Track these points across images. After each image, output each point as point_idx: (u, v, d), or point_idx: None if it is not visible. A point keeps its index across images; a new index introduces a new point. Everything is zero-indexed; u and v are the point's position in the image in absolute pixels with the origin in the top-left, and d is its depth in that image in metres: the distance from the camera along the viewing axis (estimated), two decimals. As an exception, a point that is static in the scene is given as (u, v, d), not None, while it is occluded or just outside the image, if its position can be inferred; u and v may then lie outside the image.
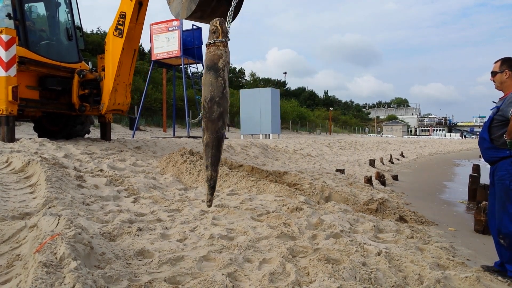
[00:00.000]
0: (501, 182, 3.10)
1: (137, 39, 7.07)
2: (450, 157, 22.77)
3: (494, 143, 3.15)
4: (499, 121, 3.11)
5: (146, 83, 19.48)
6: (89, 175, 5.25)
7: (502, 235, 3.09)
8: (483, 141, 3.25)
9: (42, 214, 2.97)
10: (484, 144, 3.25)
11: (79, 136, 8.96)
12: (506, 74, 3.17)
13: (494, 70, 3.25)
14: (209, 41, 2.96)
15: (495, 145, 3.15)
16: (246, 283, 2.41)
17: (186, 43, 18.02)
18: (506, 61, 3.22)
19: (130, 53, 7.24)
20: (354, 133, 63.57)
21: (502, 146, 3.10)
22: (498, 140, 3.12)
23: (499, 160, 3.14)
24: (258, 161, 10.69)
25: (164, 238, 3.18)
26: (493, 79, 3.27)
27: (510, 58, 3.22)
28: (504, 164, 3.09)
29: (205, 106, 2.88)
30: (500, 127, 3.10)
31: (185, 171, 6.25)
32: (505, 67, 3.18)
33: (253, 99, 24.58)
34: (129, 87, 7.64)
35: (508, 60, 3.22)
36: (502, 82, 3.20)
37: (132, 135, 17.78)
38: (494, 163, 3.19)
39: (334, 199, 5.60)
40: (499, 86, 3.25)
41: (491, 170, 3.27)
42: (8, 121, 6.88)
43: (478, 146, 3.39)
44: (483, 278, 2.84)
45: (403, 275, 2.71)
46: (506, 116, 3.03)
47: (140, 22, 6.77)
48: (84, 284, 1.95)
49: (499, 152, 3.13)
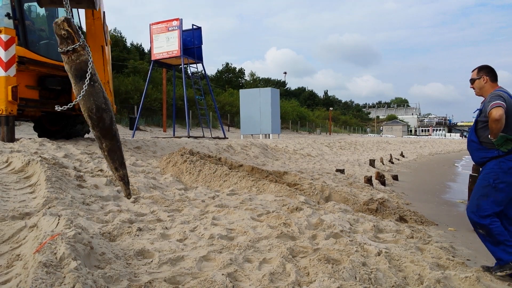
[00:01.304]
0: (484, 178, 3.23)
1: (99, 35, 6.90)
2: (450, 157, 22.77)
3: (483, 144, 3.26)
4: (484, 122, 3.22)
5: (146, 83, 19.47)
6: (89, 175, 5.25)
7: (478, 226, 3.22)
8: (472, 144, 3.35)
9: (42, 214, 2.97)
10: (473, 146, 3.35)
11: (79, 136, 8.95)
12: (484, 80, 3.33)
13: (473, 78, 3.41)
14: (66, 48, 2.50)
15: (485, 146, 3.25)
16: (246, 283, 2.40)
17: (186, 43, 18.02)
18: (482, 68, 3.40)
19: (98, 50, 7.14)
20: (354, 133, 63.57)
21: (491, 146, 3.20)
22: (486, 141, 3.22)
23: (488, 161, 3.25)
24: (258, 161, 10.69)
25: (164, 238, 3.18)
26: (472, 86, 3.43)
27: (487, 65, 3.41)
28: (491, 163, 3.21)
29: (93, 118, 2.63)
30: (485, 128, 3.21)
31: (185, 171, 6.25)
32: (482, 73, 3.35)
33: (253, 99, 24.57)
34: (108, 85, 7.52)
35: (484, 67, 3.40)
36: (481, 88, 3.36)
37: (132, 135, 17.78)
38: (484, 164, 3.30)
39: (334, 199, 5.60)
40: (479, 92, 3.40)
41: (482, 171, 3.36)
42: (8, 121, 6.87)
43: (467, 149, 3.47)
44: (483, 278, 2.84)
45: (403, 275, 2.71)
46: (487, 116, 3.12)
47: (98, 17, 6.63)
48: (84, 284, 1.95)
49: (488, 152, 3.24)
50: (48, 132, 8.75)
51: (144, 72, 31.21)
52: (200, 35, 18.49)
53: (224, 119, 34.48)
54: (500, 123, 3.02)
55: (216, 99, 27.27)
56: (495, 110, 3.01)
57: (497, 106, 3.01)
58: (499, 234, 3.15)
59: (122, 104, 26.75)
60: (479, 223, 3.18)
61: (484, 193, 3.19)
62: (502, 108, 3.00)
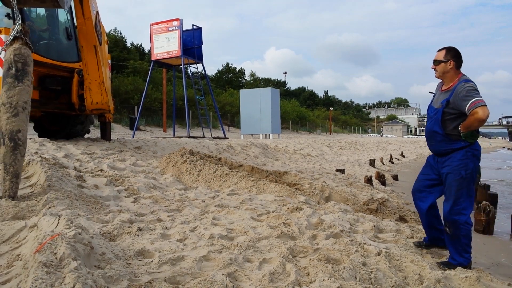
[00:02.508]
0: (454, 172, 3.12)
1: (91, 35, 6.82)
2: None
3: (448, 136, 3.14)
4: (451, 114, 3.09)
5: (146, 83, 19.47)
6: (89, 175, 5.25)
7: (448, 224, 3.16)
8: (436, 135, 3.21)
9: (42, 214, 2.97)
10: (437, 137, 3.21)
11: (79, 136, 8.95)
12: (450, 64, 3.13)
13: (438, 59, 3.19)
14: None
15: (450, 137, 3.14)
16: (246, 283, 2.40)
17: (186, 43, 18.02)
18: (451, 51, 3.16)
19: (91, 50, 7.12)
20: (354, 133, 63.55)
21: (457, 138, 3.10)
22: (452, 133, 3.12)
23: (452, 152, 3.14)
24: (258, 161, 10.69)
25: (164, 238, 3.18)
26: (435, 67, 3.21)
27: (455, 48, 3.18)
28: (458, 154, 3.11)
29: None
30: (453, 120, 3.10)
31: (185, 171, 6.25)
32: (449, 57, 3.14)
33: (253, 99, 24.57)
34: (103, 85, 7.47)
35: (452, 49, 3.17)
36: (445, 72, 3.17)
37: (132, 135, 17.78)
38: (446, 154, 3.19)
39: (334, 199, 5.60)
40: (441, 76, 3.22)
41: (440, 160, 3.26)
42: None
43: (427, 139, 3.35)
44: (483, 278, 2.84)
45: (403, 275, 2.71)
46: (459, 109, 3.02)
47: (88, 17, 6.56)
48: (84, 284, 1.95)
49: (454, 144, 3.13)
50: (48, 132, 8.75)
51: (144, 72, 31.22)
52: (200, 35, 18.48)
53: (224, 119, 34.48)
54: (484, 122, 2.95)
55: (216, 99, 27.28)
56: (482, 110, 2.86)
57: (483, 105, 2.88)
58: (465, 236, 3.12)
59: (122, 104, 26.76)
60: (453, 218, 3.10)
61: (458, 187, 3.11)
62: (487, 107, 2.89)
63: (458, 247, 3.15)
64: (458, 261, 3.13)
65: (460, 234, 3.11)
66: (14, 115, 3.74)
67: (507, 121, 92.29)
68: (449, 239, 3.19)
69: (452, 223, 3.12)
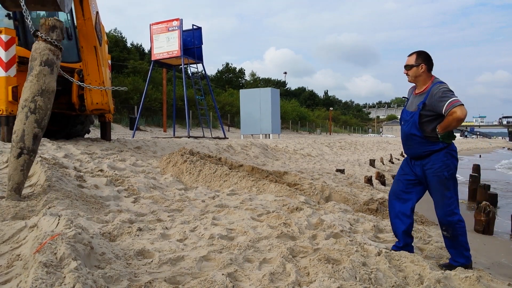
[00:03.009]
0: (437, 174, 3.12)
1: (91, 36, 6.82)
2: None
3: (427, 138, 3.14)
4: (428, 116, 3.10)
5: (146, 83, 19.47)
6: (89, 175, 5.25)
7: (444, 227, 3.16)
8: (414, 138, 3.20)
9: (42, 214, 2.97)
10: (415, 140, 3.20)
11: (79, 136, 8.95)
12: (422, 68, 3.17)
13: (409, 63, 3.22)
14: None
15: (428, 140, 3.14)
16: (246, 283, 2.40)
17: (186, 43, 18.02)
18: (421, 54, 3.20)
19: (91, 51, 7.11)
20: (354, 133, 63.54)
21: (435, 140, 3.11)
22: (431, 135, 3.12)
23: (430, 154, 3.15)
24: (258, 161, 10.68)
25: (164, 238, 3.18)
26: (407, 72, 3.24)
27: (425, 52, 3.22)
28: (439, 156, 3.12)
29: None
30: (430, 122, 3.11)
31: (185, 171, 6.25)
32: (420, 61, 3.17)
33: (253, 99, 24.57)
34: (103, 85, 7.50)
35: (423, 53, 3.21)
36: (417, 76, 3.20)
37: (132, 135, 17.78)
38: (425, 157, 3.19)
39: (334, 199, 5.60)
40: (413, 80, 3.25)
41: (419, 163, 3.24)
42: (8, 121, 6.88)
43: (403, 143, 3.34)
44: (483, 278, 2.84)
45: (403, 275, 2.71)
46: (437, 111, 3.03)
47: (88, 18, 6.56)
48: (84, 284, 1.95)
49: (432, 145, 3.13)
50: (48, 132, 8.74)
51: (144, 72, 31.22)
52: (200, 35, 18.49)
53: (224, 119, 34.48)
54: (463, 122, 2.96)
55: (216, 99, 27.28)
56: (460, 109, 2.89)
57: (461, 104, 2.90)
58: (461, 235, 3.13)
59: (122, 104, 26.76)
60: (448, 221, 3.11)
61: (445, 188, 3.12)
62: (464, 106, 2.90)
63: (458, 247, 3.16)
64: (460, 262, 3.14)
65: (457, 234, 3.13)
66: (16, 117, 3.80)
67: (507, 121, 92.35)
68: (449, 242, 3.19)
69: (449, 225, 3.13)
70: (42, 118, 3.83)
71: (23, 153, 3.67)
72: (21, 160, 3.66)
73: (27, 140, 3.69)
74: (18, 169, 3.64)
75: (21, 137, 3.69)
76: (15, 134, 3.71)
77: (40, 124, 3.80)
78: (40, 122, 3.80)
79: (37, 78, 3.79)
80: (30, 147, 3.71)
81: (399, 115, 3.78)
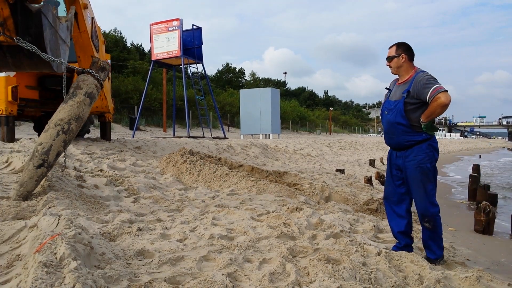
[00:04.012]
0: (421, 166, 3.11)
1: (88, 47, 6.76)
2: (450, 157, 22.77)
3: (412, 127, 3.13)
4: (412, 104, 3.10)
5: (146, 83, 19.47)
6: (89, 175, 5.25)
7: (427, 219, 3.15)
8: (399, 127, 3.17)
9: (42, 214, 2.97)
10: (399, 129, 3.18)
11: (79, 136, 8.94)
12: (403, 58, 3.20)
13: (390, 55, 3.25)
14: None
15: (413, 129, 3.13)
16: (246, 283, 2.40)
17: (186, 43, 18.03)
18: (401, 45, 3.24)
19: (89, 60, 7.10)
20: (354, 133, 63.57)
21: (419, 130, 3.11)
22: (416, 124, 3.11)
23: (415, 144, 3.14)
24: (258, 161, 10.69)
25: (164, 238, 3.18)
26: (389, 64, 3.27)
27: (405, 43, 3.25)
28: (422, 147, 3.12)
29: None
30: (414, 110, 3.10)
31: (185, 171, 6.25)
32: (400, 51, 3.20)
33: (253, 99, 24.57)
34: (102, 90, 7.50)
35: (402, 44, 3.24)
36: (399, 67, 3.23)
37: (132, 135, 17.78)
38: (408, 147, 3.18)
39: (334, 199, 5.60)
40: (396, 71, 3.27)
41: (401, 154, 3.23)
42: (8, 121, 6.88)
43: (386, 132, 3.31)
44: (483, 278, 2.84)
45: (403, 275, 2.71)
46: (421, 98, 3.04)
47: (84, 30, 6.47)
48: (84, 284, 1.95)
49: (416, 136, 3.13)
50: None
51: (144, 72, 31.21)
52: (200, 35, 18.49)
53: (224, 119, 34.48)
54: (447, 108, 2.96)
55: (216, 99, 27.27)
56: (444, 95, 2.90)
57: (445, 90, 2.92)
58: (439, 226, 3.15)
59: (122, 104, 26.75)
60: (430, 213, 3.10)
61: (427, 180, 3.12)
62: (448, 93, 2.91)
63: (437, 240, 3.17)
64: (438, 255, 3.16)
65: (437, 225, 3.14)
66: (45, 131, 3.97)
67: (507, 121, 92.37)
68: (430, 234, 3.18)
69: (431, 217, 3.12)
70: (70, 140, 4.11)
71: (44, 166, 3.83)
72: (39, 171, 3.81)
73: (51, 155, 3.90)
74: (34, 179, 3.76)
75: (47, 150, 3.88)
76: (42, 146, 3.88)
77: (66, 145, 4.07)
78: (67, 143, 4.07)
79: (78, 105, 4.12)
80: (51, 162, 3.92)
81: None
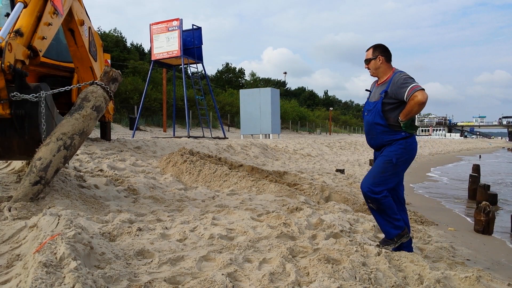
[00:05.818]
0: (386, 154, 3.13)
1: (86, 59, 6.76)
2: (450, 157, 22.78)
3: (390, 127, 3.15)
4: (390, 104, 3.12)
5: (146, 83, 19.46)
6: (89, 175, 5.25)
7: (369, 200, 3.16)
8: (378, 127, 3.20)
9: (42, 214, 2.97)
10: (378, 129, 3.20)
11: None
12: (380, 60, 3.23)
13: (368, 58, 3.28)
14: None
15: (391, 129, 3.15)
16: (246, 283, 2.40)
17: (186, 43, 18.01)
18: (377, 48, 3.27)
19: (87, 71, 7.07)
20: (354, 133, 63.56)
21: (398, 129, 3.13)
22: (394, 124, 3.13)
23: (392, 143, 3.16)
24: (258, 161, 10.69)
25: (164, 238, 3.18)
26: (367, 66, 3.30)
27: (381, 44, 3.28)
28: (397, 142, 3.14)
29: None
30: (392, 110, 3.12)
31: (185, 171, 6.25)
32: (377, 53, 3.24)
33: (253, 99, 24.56)
34: None
35: (379, 46, 3.28)
36: (376, 68, 3.26)
37: (132, 135, 17.77)
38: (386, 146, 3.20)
39: (334, 199, 5.60)
40: (374, 73, 3.30)
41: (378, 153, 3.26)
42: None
43: (367, 133, 3.34)
44: (483, 278, 2.84)
45: (403, 275, 2.71)
46: (399, 98, 3.05)
47: (81, 46, 6.45)
48: (84, 284, 1.95)
49: (395, 135, 3.14)
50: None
51: (144, 72, 31.21)
52: (200, 35, 18.48)
53: (224, 119, 34.48)
54: (424, 106, 2.97)
55: (216, 99, 27.27)
56: (421, 93, 2.91)
57: (422, 89, 2.93)
58: (389, 208, 3.13)
59: (122, 104, 26.75)
60: (371, 197, 3.12)
61: (383, 169, 3.12)
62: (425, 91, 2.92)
63: (389, 220, 3.16)
64: (394, 234, 3.15)
65: (383, 208, 3.12)
66: (46, 144, 3.71)
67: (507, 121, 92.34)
68: (378, 215, 3.19)
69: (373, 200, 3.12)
70: (71, 156, 3.86)
71: (40, 183, 3.59)
72: (35, 189, 3.57)
73: (49, 172, 3.64)
74: (28, 196, 3.54)
75: (45, 166, 3.61)
76: (40, 161, 3.62)
77: (66, 161, 3.81)
78: (67, 160, 3.82)
79: (84, 119, 3.89)
80: (48, 180, 3.67)
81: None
